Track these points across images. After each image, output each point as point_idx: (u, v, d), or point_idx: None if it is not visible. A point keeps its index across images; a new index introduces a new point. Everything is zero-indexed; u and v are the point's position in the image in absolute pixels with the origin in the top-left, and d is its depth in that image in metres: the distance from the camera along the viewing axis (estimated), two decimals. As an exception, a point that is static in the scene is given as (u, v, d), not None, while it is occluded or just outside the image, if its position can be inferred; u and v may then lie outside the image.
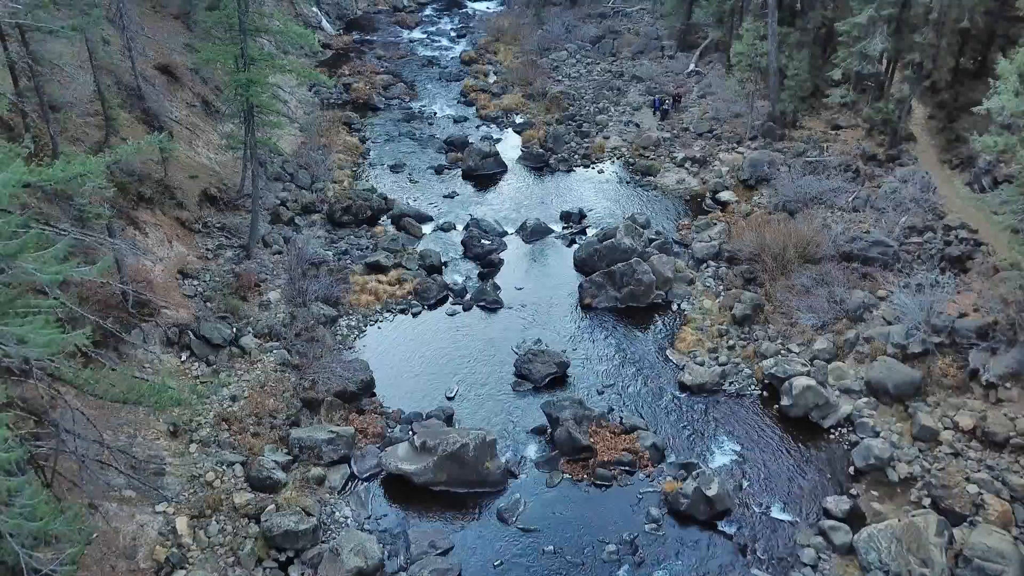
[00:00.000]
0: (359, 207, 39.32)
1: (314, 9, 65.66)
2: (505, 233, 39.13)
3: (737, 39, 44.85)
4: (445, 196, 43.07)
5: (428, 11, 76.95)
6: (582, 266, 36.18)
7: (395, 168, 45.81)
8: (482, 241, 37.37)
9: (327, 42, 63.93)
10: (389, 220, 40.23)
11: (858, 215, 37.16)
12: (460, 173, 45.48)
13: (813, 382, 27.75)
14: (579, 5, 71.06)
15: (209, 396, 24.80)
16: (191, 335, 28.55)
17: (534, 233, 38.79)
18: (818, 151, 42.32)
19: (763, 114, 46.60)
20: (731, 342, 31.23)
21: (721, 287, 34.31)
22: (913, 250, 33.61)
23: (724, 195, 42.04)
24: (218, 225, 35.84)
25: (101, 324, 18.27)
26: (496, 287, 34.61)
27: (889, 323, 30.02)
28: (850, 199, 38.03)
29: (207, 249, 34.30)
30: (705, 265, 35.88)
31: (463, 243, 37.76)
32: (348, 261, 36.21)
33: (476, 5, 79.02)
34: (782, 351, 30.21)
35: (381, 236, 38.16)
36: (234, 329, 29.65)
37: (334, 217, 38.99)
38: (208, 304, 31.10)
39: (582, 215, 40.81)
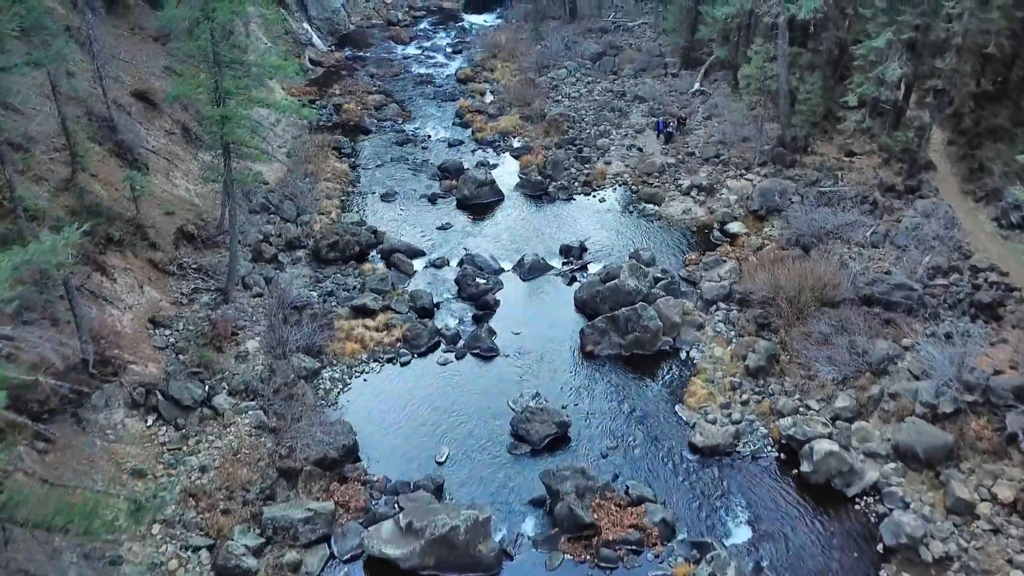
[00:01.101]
0: (346, 243, 37.04)
1: (304, 26, 63.53)
2: (501, 270, 36.87)
3: (745, 61, 42.66)
4: (438, 228, 40.81)
5: (423, 25, 74.98)
6: (583, 307, 33.94)
7: (386, 197, 43.58)
8: (477, 280, 35.10)
9: (318, 59, 61.87)
10: (379, 255, 37.98)
11: (877, 252, 34.89)
12: (454, 202, 43.26)
13: (836, 447, 25.45)
14: (579, 19, 68.98)
15: (160, 501, 22.24)
16: (159, 395, 26.23)
17: (532, 270, 36.53)
18: (832, 180, 40.08)
19: (773, 138, 44.41)
20: (745, 396, 28.93)
21: (733, 333, 32.04)
22: (939, 294, 31.32)
23: (733, 226, 39.82)
24: (194, 266, 33.55)
25: (33, 427, 15.98)
26: (491, 332, 32.34)
27: (916, 377, 27.72)
28: (868, 234, 35.76)
29: (181, 294, 32.02)
30: (715, 307, 33.59)
31: (457, 282, 35.49)
32: (334, 303, 33.93)
33: (473, 19, 77.05)
34: (800, 408, 27.93)
35: (369, 274, 35.87)
36: (207, 387, 27.34)
37: (320, 254, 36.73)
38: (180, 357, 28.80)
39: (583, 248, 38.55)
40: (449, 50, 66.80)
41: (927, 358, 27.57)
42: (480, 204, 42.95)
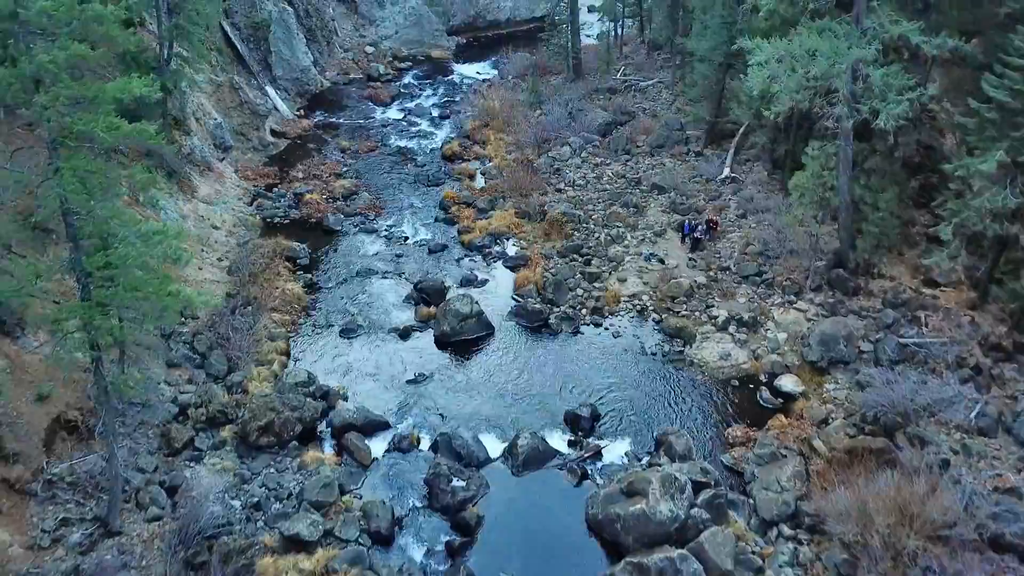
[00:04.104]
0: (285, 422, 28.26)
1: (268, 89, 54.89)
2: (487, 460, 28.05)
3: (790, 164, 33.99)
4: (409, 381, 32.10)
5: (408, 79, 66.35)
6: (598, 528, 25.10)
7: (347, 332, 34.85)
8: (453, 484, 26.25)
9: (281, 129, 53.33)
10: (329, 431, 29.31)
11: (989, 445, 26.25)
12: (432, 338, 34.59)
13: None
14: (584, 76, 60.29)
15: None
16: None
17: (528, 461, 27.67)
18: (914, 327, 31.32)
19: (827, 252, 35.75)
20: None
21: (805, 583, 23.29)
22: (1098, 538, 22.55)
23: (786, 382, 31.17)
24: (68, 479, 24.78)
25: None
26: (471, 578, 23.57)
27: None
28: (972, 415, 27.09)
29: (43, 530, 23.25)
30: (776, 533, 24.80)
31: (427, 483, 26.70)
32: (260, 523, 25.19)
33: (464, 70, 68.53)
34: None
35: (313, 468, 27.14)
36: None
37: (249, 439, 27.97)
38: (21, 653, 20.12)
39: (594, 417, 29.83)
40: (435, 113, 58.09)
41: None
42: (464, 341, 34.28)
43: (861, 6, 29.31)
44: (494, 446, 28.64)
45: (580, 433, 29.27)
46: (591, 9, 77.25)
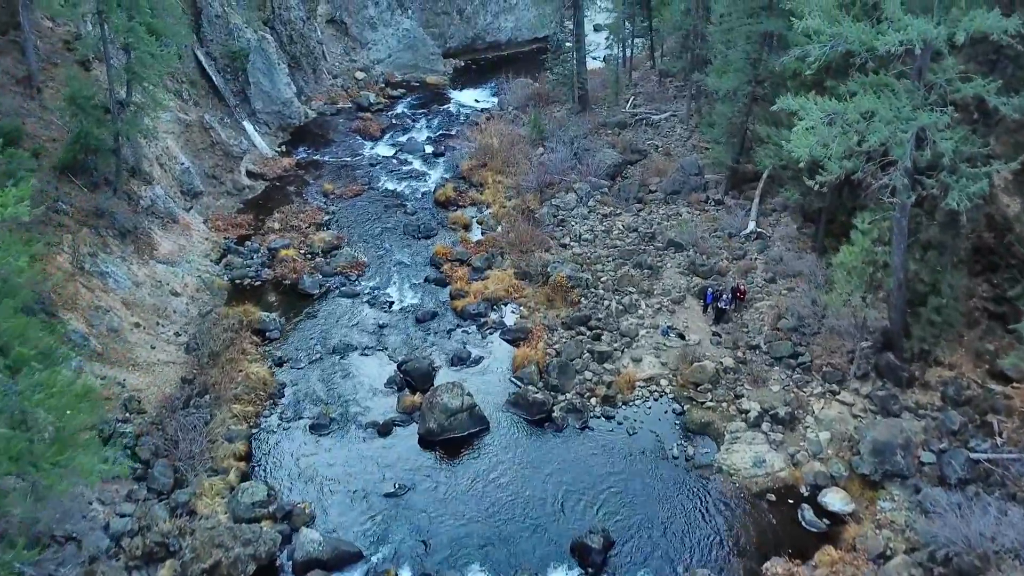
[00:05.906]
0: (235, 562, 23.43)
1: (245, 124, 50.23)
2: (479, 609, 23.38)
3: (847, 244, 28.97)
4: (388, 495, 27.31)
5: (401, 108, 61.70)
6: None
7: (318, 428, 30.11)
8: (436, 650, 21.56)
9: (259, 171, 48.66)
10: (290, 565, 24.54)
11: (1093, 605, 21.36)
12: (417, 436, 29.85)
13: None
14: (590, 108, 55.49)
15: None
16: None
17: (528, 613, 22.99)
18: (986, 438, 26.47)
19: (875, 331, 30.89)
20: None
21: None
22: None
23: (832, 499, 26.40)
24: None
25: None
26: None
27: None
28: (1068, 560, 22.25)
29: None
30: None
31: (405, 646, 22.01)
32: None
33: (461, 96, 63.92)
34: None
35: (267, 623, 22.47)
36: None
37: (190, 584, 23.25)
38: None
39: (607, 544, 25.01)
40: (429, 149, 53.35)
41: None
42: (453, 439, 29.54)
43: (925, 59, 24.52)
44: (487, 586, 23.91)
45: (590, 569, 24.48)
46: (597, 28, 72.83)
